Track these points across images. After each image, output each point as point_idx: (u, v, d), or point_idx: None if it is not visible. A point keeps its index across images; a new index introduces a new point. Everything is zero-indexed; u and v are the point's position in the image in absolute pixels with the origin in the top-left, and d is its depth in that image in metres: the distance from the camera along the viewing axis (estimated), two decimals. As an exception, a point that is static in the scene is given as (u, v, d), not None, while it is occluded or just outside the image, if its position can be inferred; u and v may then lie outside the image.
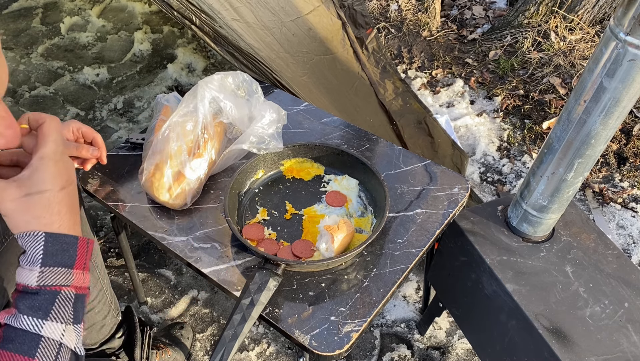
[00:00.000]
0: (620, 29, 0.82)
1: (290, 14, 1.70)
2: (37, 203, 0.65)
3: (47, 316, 0.63)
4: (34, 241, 0.65)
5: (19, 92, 2.55)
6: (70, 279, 0.66)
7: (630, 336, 1.02)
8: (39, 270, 0.64)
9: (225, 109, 1.17)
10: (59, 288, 0.65)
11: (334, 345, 0.92)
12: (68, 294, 0.65)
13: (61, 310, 0.64)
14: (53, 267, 0.65)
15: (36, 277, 0.64)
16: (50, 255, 0.65)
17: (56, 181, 0.67)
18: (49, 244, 0.65)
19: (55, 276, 0.65)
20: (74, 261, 0.66)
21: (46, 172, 0.66)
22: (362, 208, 1.17)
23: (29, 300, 0.64)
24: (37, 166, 0.66)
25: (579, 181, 1.05)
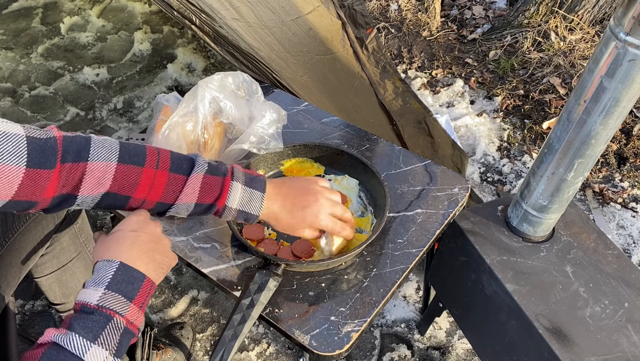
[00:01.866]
0: (620, 29, 0.82)
1: (290, 14, 1.70)
2: (112, 237, 0.77)
3: (96, 339, 0.64)
4: (109, 266, 0.71)
5: (18, 92, 2.56)
6: (126, 310, 0.68)
7: (630, 336, 1.02)
8: (102, 291, 0.68)
9: (225, 109, 1.17)
10: (113, 313, 0.67)
11: (334, 345, 0.92)
12: (119, 323, 0.67)
13: (109, 337, 0.65)
14: (115, 293, 0.68)
15: (98, 297, 0.67)
16: (117, 281, 0.69)
17: (129, 225, 0.78)
18: (119, 272, 0.70)
19: (115, 301, 0.68)
20: (135, 296, 0.69)
21: (126, 220, 0.79)
22: (362, 208, 1.17)
23: (83, 320, 0.65)
24: (129, 216, 0.81)
25: (579, 181, 1.05)
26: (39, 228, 1.10)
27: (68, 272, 1.23)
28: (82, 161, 0.73)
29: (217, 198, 0.84)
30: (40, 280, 1.22)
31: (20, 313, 1.66)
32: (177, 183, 0.81)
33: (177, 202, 0.82)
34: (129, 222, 0.78)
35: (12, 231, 1.05)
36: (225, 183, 0.84)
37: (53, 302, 1.27)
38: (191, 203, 0.83)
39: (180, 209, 0.83)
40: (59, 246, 1.19)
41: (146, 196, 0.80)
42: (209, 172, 0.83)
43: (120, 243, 0.74)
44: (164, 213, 0.84)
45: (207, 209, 0.85)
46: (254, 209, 0.87)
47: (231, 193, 0.84)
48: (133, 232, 0.76)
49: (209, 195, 0.83)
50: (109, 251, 0.74)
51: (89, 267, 1.28)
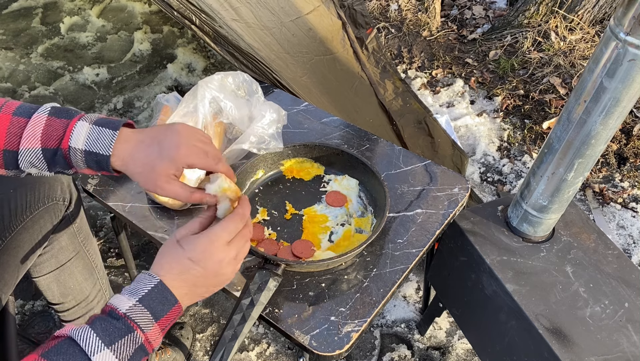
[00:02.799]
0: (620, 29, 0.82)
1: (290, 14, 1.70)
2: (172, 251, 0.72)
3: (111, 345, 0.64)
4: (149, 280, 0.69)
5: (18, 92, 2.55)
6: (149, 328, 0.67)
7: (630, 336, 1.02)
8: (133, 302, 0.67)
9: (225, 109, 1.17)
10: (136, 327, 0.66)
11: (334, 345, 0.92)
12: (138, 338, 0.66)
13: (124, 347, 0.65)
14: (145, 308, 0.67)
15: (128, 307, 0.67)
16: (150, 298, 0.68)
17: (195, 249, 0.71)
18: (155, 289, 0.69)
19: (142, 316, 0.67)
20: (162, 317, 0.68)
21: (198, 244, 0.72)
22: (362, 208, 1.17)
23: (106, 323, 0.65)
24: (211, 236, 0.72)
25: (579, 181, 1.05)
26: (36, 227, 1.10)
27: (66, 272, 1.23)
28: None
29: (61, 139, 0.77)
30: (39, 280, 1.22)
31: (20, 313, 1.66)
32: (19, 126, 0.76)
33: (21, 147, 0.76)
34: (198, 244, 0.72)
35: (9, 230, 1.05)
36: (70, 123, 0.77)
37: (51, 302, 1.27)
38: (36, 147, 0.76)
39: (31, 158, 0.77)
40: (58, 245, 1.19)
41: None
42: (54, 115, 0.78)
43: (171, 265, 0.71)
44: (17, 166, 0.78)
45: (56, 156, 0.77)
46: (103, 148, 0.76)
47: (75, 131, 0.77)
48: (189, 261, 0.71)
49: (52, 137, 0.76)
50: (159, 265, 0.72)
51: (87, 267, 1.28)
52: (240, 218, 0.76)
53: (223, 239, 0.73)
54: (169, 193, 0.77)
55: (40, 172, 0.82)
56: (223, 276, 0.74)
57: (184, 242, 0.72)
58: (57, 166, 0.79)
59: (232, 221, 0.74)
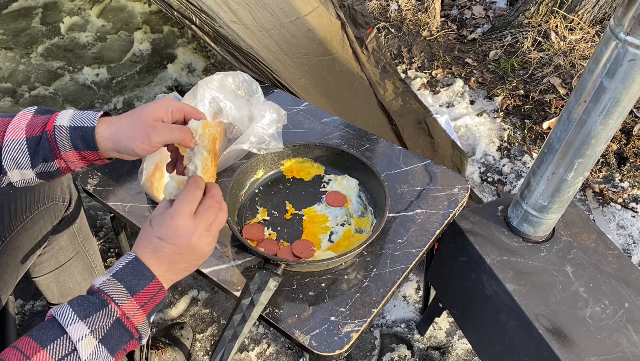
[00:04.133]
0: (620, 29, 0.82)
1: (289, 15, 1.70)
2: (144, 231, 0.73)
3: (85, 318, 0.65)
4: (125, 258, 0.71)
5: (18, 92, 2.55)
6: (124, 302, 0.67)
7: (630, 336, 1.02)
8: (108, 277, 0.68)
9: (225, 109, 1.17)
10: (109, 300, 0.66)
11: (334, 345, 0.92)
12: (113, 311, 0.66)
13: (98, 321, 0.65)
14: (118, 281, 0.68)
15: (102, 281, 0.68)
16: (124, 273, 0.69)
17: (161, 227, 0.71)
18: (129, 265, 0.69)
19: (115, 289, 0.67)
20: (138, 291, 0.68)
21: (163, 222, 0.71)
22: (362, 208, 1.17)
23: (82, 299, 0.67)
24: (171, 212, 0.72)
25: (579, 181, 1.05)
26: (36, 227, 1.10)
27: (66, 272, 1.23)
28: None
29: (45, 124, 0.80)
30: (38, 280, 1.22)
31: (20, 313, 1.66)
32: (3, 123, 0.80)
33: (5, 140, 0.78)
34: (162, 222, 0.72)
35: (9, 230, 1.05)
36: (54, 113, 0.82)
37: (51, 302, 1.27)
38: (20, 138, 0.79)
39: (14, 151, 0.79)
40: (57, 245, 1.19)
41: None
42: (39, 112, 0.82)
43: (145, 244, 0.72)
44: (0, 167, 0.80)
45: (40, 143, 0.79)
46: (88, 120, 0.80)
47: (60, 115, 0.81)
48: (158, 240, 0.71)
49: (37, 126, 0.80)
50: (136, 245, 0.72)
51: (87, 267, 1.28)
52: (195, 185, 0.75)
53: (185, 213, 0.72)
54: (162, 135, 0.78)
55: (23, 179, 0.82)
56: (200, 250, 0.73)
57: (153, 221, 0.73)
58: (41, 157, 0.80)
59: (187, 192, 0.73)
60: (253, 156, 1.19)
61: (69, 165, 0.82)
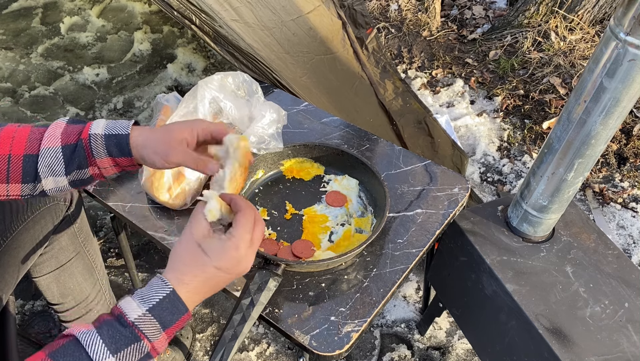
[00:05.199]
0: (620, 29, 0.82)
1: (290, 13, 1.70)
2: (196, 255, 0.70)
3: (116, 353, 0.63)
4: (162, 288, 0.68)
5: (18, 92, 2.55)
6: (157, 337, 0.67)
7: (630, 336, 1.02)
8: (144, 311, 0.66)
9: (225, 110, 1.17)
10: (143, 337, 0.65)
11: (334, 345, 0.92)
12: (145, 348, 0.66)
13: (129, 356, 0.65)
14: (154, 318, 0.67)
15: (137, 315, 0.66)
16: (161, 308, 0.67)
17: (220, 260, 0.70)
18: (166, 300, 0.68)
19: (150, 326, 0.66)
20: (169, 326, 0.68)
21: (225, 253, 0.70)
22: (362, 208, 1.17)
23: (114, 330, 0.65)
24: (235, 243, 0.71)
25: (579, 181, 1.05)
26: (37, 227, 1.10)
27: (66, 272, 1.23)
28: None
29: (80, 132, 0.82)
30: (39, 280, 1.22)
31: (20, 313, 1.66)
32: (39, 132, 0.82)
33: (41, 148, 0.80)
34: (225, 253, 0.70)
35: (10, 230, 1.05)
36: (88, 123, 0.84)
37: (51, 302, 1.27)
38: (56, 146, 0.81)
39: (50, 160, 0.80)
40: (58, 245, 1.19)
41: (9, 150, 0.79)
42: (71, 122, 0.84)
43: (195, 273, 0.70)
44: (35, 174, 0.81)
45: (75, 150, 0.81)
46: (122, 129, 0.83)
47: (94, 124, 0.83)
48: (216, 270, 0.70)
49: (72, 135, 0.82)
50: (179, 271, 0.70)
51: (87, 267, 1.28)
52: (251, 211, 0.75)
53: (247, 241, 0.72)
54: (178, 156, 0.80)
55: (56, 187, 0.83)
56: (245, 271, 0.74)
57: (207, 247, 0.71)
58: (75, 164, 0.82)
59: (246, 220, 0.73)
60: (253, 156, 1.19)
61: (102, 171, 0.85)
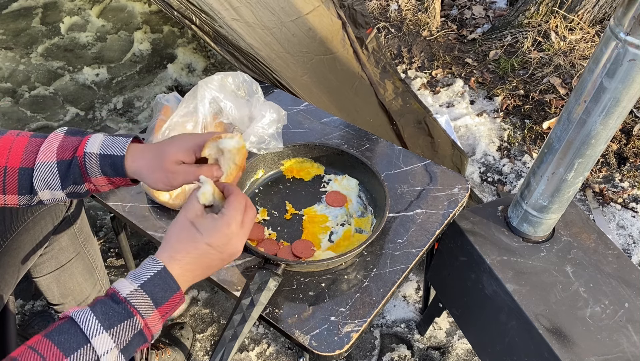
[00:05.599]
0: (620, 29, 0.82)
1: (290, 14, 1.70)
2: (190, 232, 0.72)
3: (110, 329, 0.64)
4: (153, 266, 0.69)
5: (18, 92, 2.55)
6: (149, 314, 0.67)
7: (630, 336, 1.02)
8: (136, 287, 0.67)
9: (225, 109, 1.17)
10: (136, 312, 0.66)
11: (334, 345, 0.92)
12: (137, 323, 0.66)
13: (122, 332, 0.65)
14: (146, 294, 0.68)
15: (129, 291, 0.67)
16: (152, 284, 0.68)
17: (211, 236, 0.71)
18: (158, 277, 0.69)
19: (142, 302, 0.67)
20: (162, 303, 0.69)
21: (217, 230, 0.72)
22: (362, 208, 1.17)
23: (107, 306, 0.66)
24: (226, 220, 0.72)
25: (579, 181, 1.05)
26: (37, 227, 1.10)
27: (67, 272, 1.23)
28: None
29: (76, 149, 0.81)
30: (39, 280, 1.22)
31: (20, 313, 1.66)
32: (36, 144, 0.81)
33: (37, 162, 0.80)
34: (216, 230, 0.72)
35: (10, 231, 1.05)
36: (85, 137, 0.83)
37: (51, 302, 1.27)
38: (52, 161, 0.80)
39: (45, 174, 0.80)
40: (58, 246, 1.19)
41: (6, 162, 0.79)
42: (69, 134, 0.83)
43: (188, 250, 0.71)
44: (31, 187, 0.81)
45: (70, 167, 0.81)
46: (117, 149, 0.81)
47: (90, 140, 0.82)
48: (207, 246, 0.71)
49: (67, 150, 0.81)
50: (172, 248, 0.71)
51: (87, 267, 1.28)
52: (242, 195, 0.76)
53: (237, 220, 0.73)
54: (179, 179, 0.80)
55: (53, 198, 0.83)
56: (236, 253, 0.75)
57: (199, 225, 0.72)
58: (71, 180, 0.82)
59: (237, 201, 0.75)
60: (253, 156, 1.19)
61: (98, 188, 0.84)
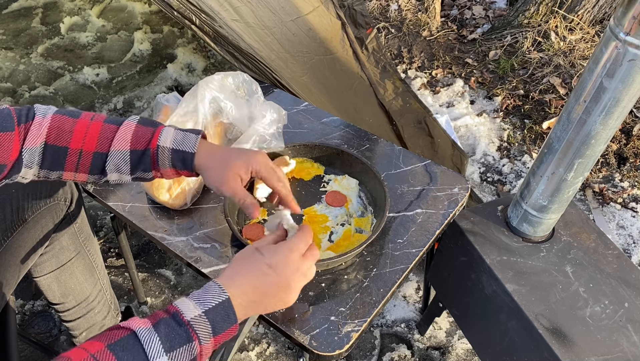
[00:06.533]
0: (620, 29, 0.82)
1: (290, 14, 1.71)
2: (247, 259, 0.75)
3: (170, 352, 0.64)
4: (219, 294, 0.70)
5: (18, 92, 2.56)
6: (207, 341, 0.68)
7: (630, 336, 1.02)
8: (200, 312, 0.68)
9: (225, 109, 1.17)
10: (195, 338, 0.67)
11: (334, 345, 0.92)
12: (195, 350, 0.67)
13: (180, 356, 0.65)
14: (208, 322, 0.68)
15: (193, 316, 0.67)
16: (216, 313, 0.69)
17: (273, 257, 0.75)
18: (221, 305, 0.70)
19: (204, 329, 0.68)
20: (219, 333, 0.69)
21: (278, 252, 0.76)
22: (362, 208, 1.17)
23: (170, 328, 0.66)
24: (289, 245, 0.77)
25: (579, 181, 1.05)
26: (37, 227, 1.10)
27: (67, 271, 1.23)
28: (30, 120, 0.84)
29: (150, 140, 0.86)
30: (39, 279, 1.22)
31: (20, 313, 1.66)
32: (110, 130, 0.85)
33: (111, 149, 0.85)
34: (278, 252, 0.76)
35: (10, 230, 1.05)
36: (157, 129, 0.87)
37: (52, 302, 1.27)
38: (125, 149, 0.85)
39: (117, 160, 0.85)
40: (58, 245, 1.19)
41: (82, 146, 0.84)
42: (142, 123, 0.88)
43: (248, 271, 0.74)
44: (103, 170, 0.86)
45: (142, 157, 0.86)
46: (189, 145, 0.87)
47: (163, 134, 0.87)
48: (267, 267, 0.74)
49: (141, 140, 0.86)
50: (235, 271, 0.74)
51: (88, 267, 1.28)
52: (309, 231, 0.81)
53: (300, 250, 0.77)
54: (229, 191, 0.87)
55: (119, 180, 0.88)
56: (292, 291, 0.76)
57: (263, 249, 0.76)
58: (140, 168, 0.87)
59: (304, 234, 0.80)
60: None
61: (164, 176, 0.89)
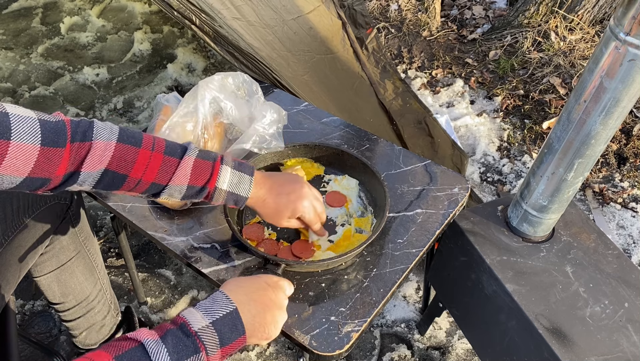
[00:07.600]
0: (620, 29, 0.82)
1: (291, 12, 1.71)
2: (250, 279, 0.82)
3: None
4: (226, 304, 0.73)
5: (18, 92, 2.56)
6: (214, 352, 0.68)
7: (630, 336, 1.02)
8: (207, 323, 0.69)
9: (225, 110, 1.17)
10: (203, 349, 0.67)
11: (334, 345, 0.92)
12: (202, 360, 0.67)
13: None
14: (216, 332, 0.69)
15: (201, 326, 0.68)
16: (223, 323, 0.70)
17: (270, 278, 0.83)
18: (229, 316, 0.71)
19: (211, 339, 0.68)
20: (227, 344, 0.70)
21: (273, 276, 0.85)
22: (362, 208, 1.17)
23: (177, 339, 0.66)
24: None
25: (579, 181, 1.05)
26: (38, 226, 1.10)
27: (67, 271, 1.23)
28: (87, 140, 0.80)
29: (208, 180, 0.89)
30: (40, 279, 1.22)
31: (20, 313, 1.66)
32: (171, 165, 0.87)
33: (170, 183, 0.87)
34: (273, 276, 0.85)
35: (11, 230, 1.05)
36: (215, 166, 0.90)
37: (52, 301, 1.27)
38: (183, 185, 0.88)
39: (173, 190, 0.88)
40: (59, 245, 1.19)
41: (142, 176, 0.85)
42: (200, 157, 0.89)
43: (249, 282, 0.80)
44: (157, 194, 0.89)
45: (199, 192, 0.90)
46: (243, 190, 0.92)
47: (221, 175, 0.90)
48: (266, 284, 0.81)
49: (200, 178, 0.88)
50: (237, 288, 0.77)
51: (88, 266, 1.28)
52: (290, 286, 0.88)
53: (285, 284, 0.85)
54: (284, 226, 1.00)
55: (168, 199, 0.92)
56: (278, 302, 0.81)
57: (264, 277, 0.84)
58: (193, 197, 0.91)
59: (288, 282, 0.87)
60: (253, 156, 1.19)
61: (210, 202, 0.93)
